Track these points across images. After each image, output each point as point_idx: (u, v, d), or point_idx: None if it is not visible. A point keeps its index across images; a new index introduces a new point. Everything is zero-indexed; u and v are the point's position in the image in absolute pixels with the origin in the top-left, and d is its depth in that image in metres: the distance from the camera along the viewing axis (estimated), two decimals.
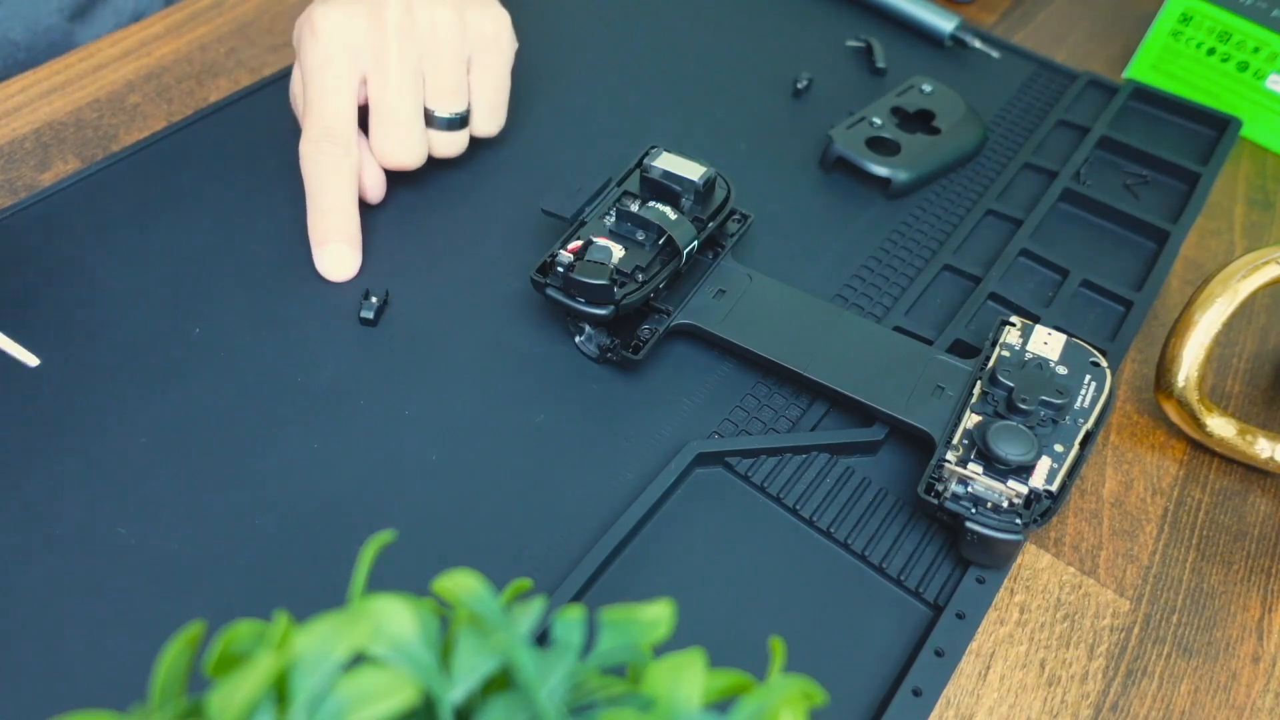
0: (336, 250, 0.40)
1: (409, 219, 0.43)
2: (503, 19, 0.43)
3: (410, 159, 0.41)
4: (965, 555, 0.33)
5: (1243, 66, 0.53)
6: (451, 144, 0.43)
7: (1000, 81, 0.55)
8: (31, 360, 0.24)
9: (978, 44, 0.56)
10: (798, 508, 0.35)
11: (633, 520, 0.33)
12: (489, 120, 0.44)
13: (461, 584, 0.20)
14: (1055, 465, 0.33)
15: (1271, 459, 0.37)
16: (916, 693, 0.30)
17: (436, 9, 0.41)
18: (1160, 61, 0.56)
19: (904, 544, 0.34)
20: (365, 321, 0.38)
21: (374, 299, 0.38)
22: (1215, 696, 0.32)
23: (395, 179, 0.44)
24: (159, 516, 0.32)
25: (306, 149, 0.40)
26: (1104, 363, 0.36)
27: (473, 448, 0.35)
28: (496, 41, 0.43)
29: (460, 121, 0.43)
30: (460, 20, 0.41)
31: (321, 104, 0.40)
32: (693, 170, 0.39)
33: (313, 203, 0.40)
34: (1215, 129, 0.52)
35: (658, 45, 0.55)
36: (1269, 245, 0.38)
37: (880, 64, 0.54)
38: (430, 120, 0.42)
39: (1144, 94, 0.54)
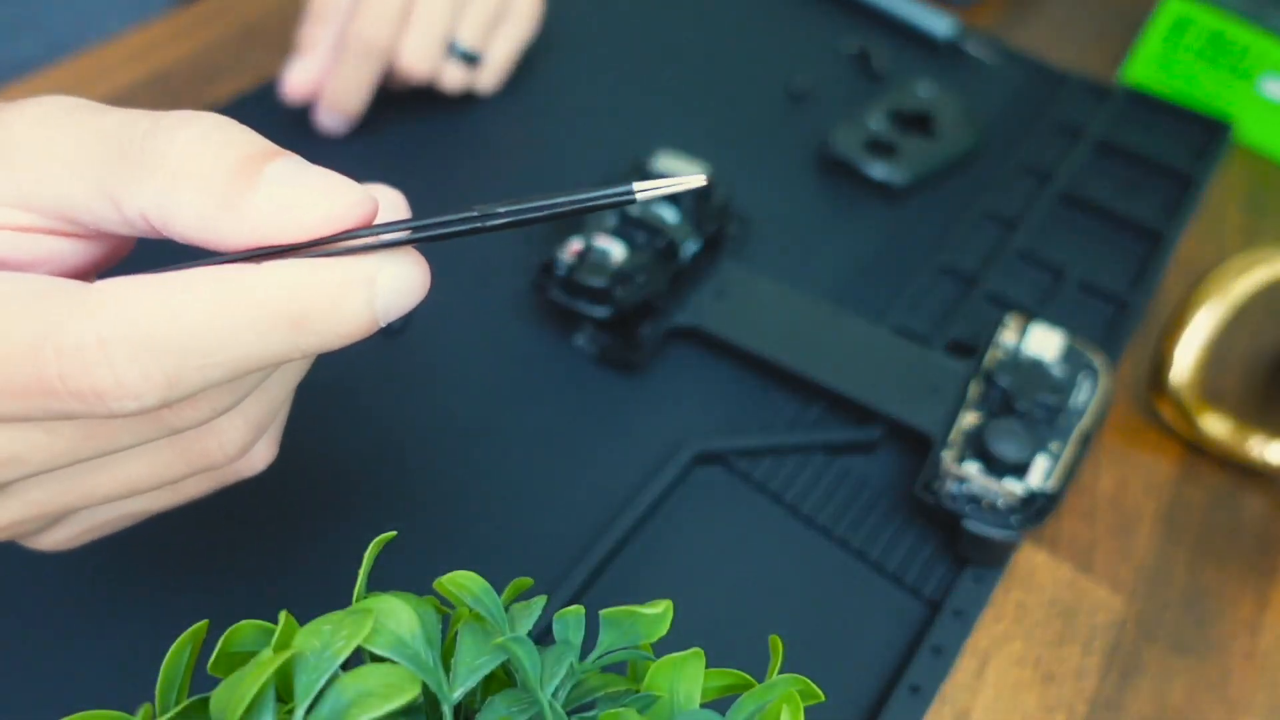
0: (328, 117, 0.45)
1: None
2: (538, 2, 0.49)
3: (422, 68, 0.44)
4: (962, 554, 0.34)
5: (1236, 70, 0.54)
6: (455, 78, 0.46)
7: (996, 84, 0.55)
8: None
9: (974, 47, 0.57)
10: (796, 506, 0.35)
11: (633, 520, 0.33)
12: (492, 75, 0.48)
13: (462, 583, 0.21)
14: (1051, 464, 0.33)
15: (1265, 458, 0.38)
16: (914, 690, 0.30)
17: None
18: (1155, 65, 0.56)
19: (901, 542, 0.34)
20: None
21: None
22: (1209, 693, 0.33)
23: (396, 173, 0.44)
24: (159, 516, 0.32)
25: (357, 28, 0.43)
26: (1100, 363, 0.37)
27: (473, 447, 0.36)
28: (527, 15, 0.49)
29: (472, 61, 0.46)
30: None
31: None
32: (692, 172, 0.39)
33: (340, 70, 0.44)
34: (1209, 132, 0.53)
35: (657, 48, 0.55)
36: (1262, 247, 0.39)
37: (877, 67, 0.55)
38: (449, 48, 0.45)
39: (1139, 97, 0.54)
